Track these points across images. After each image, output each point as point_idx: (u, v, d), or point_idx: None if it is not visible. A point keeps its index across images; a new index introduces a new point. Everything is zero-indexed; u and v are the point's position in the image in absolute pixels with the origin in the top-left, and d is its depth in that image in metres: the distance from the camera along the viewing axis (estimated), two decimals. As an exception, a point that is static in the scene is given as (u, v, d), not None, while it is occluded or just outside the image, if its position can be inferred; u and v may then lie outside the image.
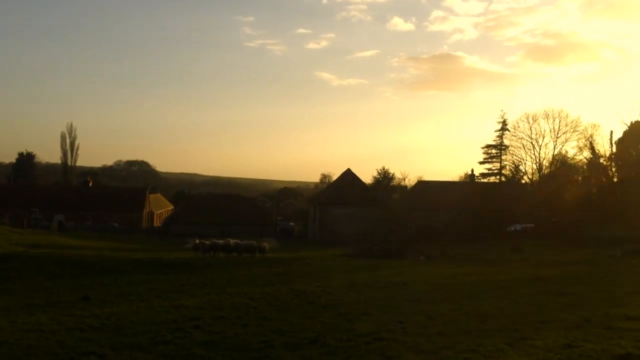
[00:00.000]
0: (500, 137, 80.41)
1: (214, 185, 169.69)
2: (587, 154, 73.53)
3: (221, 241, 40.80)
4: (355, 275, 27.31)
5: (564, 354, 10.33)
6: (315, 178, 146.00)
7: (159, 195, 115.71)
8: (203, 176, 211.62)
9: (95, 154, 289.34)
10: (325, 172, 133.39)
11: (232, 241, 40.95)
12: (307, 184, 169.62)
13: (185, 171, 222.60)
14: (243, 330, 13.61)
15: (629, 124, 65.07)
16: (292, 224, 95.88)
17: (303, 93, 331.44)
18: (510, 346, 11.20)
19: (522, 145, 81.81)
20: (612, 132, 68.52)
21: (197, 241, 40.92)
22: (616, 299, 17.40)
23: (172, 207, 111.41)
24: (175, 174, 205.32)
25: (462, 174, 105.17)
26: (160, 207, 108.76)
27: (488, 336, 12.23)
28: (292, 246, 63.41)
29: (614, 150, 67.73)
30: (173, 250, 48.64)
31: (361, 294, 20.10)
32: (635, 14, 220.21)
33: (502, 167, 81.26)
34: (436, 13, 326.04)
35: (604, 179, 70.61)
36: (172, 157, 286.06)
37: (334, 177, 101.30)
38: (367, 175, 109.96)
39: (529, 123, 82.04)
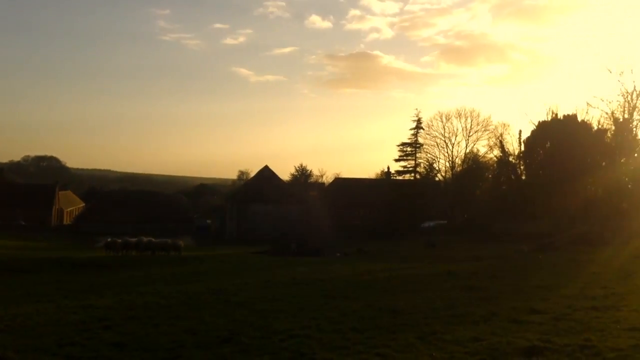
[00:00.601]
0: (415, 135, 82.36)
1: (129, 181, 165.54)
2: (497, 152, 76.20)
3: (134, 239, 39.79)
4: (271, 272, 27.23)
5: (471, 347, 10.60)
6: (233, 175, 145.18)
7: (69, 192, 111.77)
8: (117, 172, 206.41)
9: (1, 149, 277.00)
10: (243, 168, 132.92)
11: (145, 239, 40.02)
12: (224, 180, 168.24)
13: (98, 167, 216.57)
14: (154, 330, 13.27)
15: (536, 123, 67.65)
16: (208, 221, 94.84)
17: (220, 89, 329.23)
18: (421, 340, 11.40)
19: (435, 144, 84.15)
20: (520, 131, 71.10)
21: (109, 239, 39.76)
22: (522, 292, 18.01)
23: (84, 204, 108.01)
24: (88, 170, 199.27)
25: (379, 172, 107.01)
26: (70, 205, 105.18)
27: (400, 331, 12.41)
28: (208, 244, 62.68)
29: (522, 149, 70.30)
30: (83, 249, 47.13)
31: (277, 292, 20.03)
32: (543, 18, 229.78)
33: (416, 165, 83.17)
34: (353, 12, 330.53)
35: (513, 177, 73.20)
36: (84, 153, 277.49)
37: (252, 174, 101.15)
38: (285, 173, 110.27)
39: (442, 122, 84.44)
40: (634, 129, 62.53)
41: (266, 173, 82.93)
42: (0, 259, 31.07)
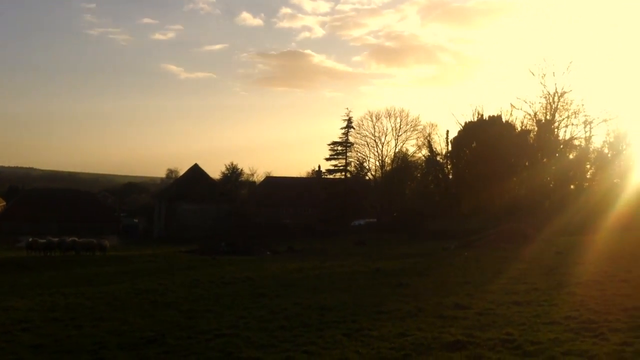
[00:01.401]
0: (346, 134, 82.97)
1: (52, 179, 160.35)
2: (425, 152, 77.66)
3: (57, 239, 38.54)
4: (200, 272, 26.89)
5: (397, 343, 10.73)
6: (162, 173, 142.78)
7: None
8: (40, 170, 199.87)
9: None
10: (172, 167, 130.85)
11: (69, 239, 38.84)
12: (153, 179, 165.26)
13: (20, 165, 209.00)
14: (76, 332, 12.89)
15: (463, 124, 69.29)
16: (136, 220, 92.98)
17: (149, 85, 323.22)
18: (347, 337, 11.47)
19: (366, 143, 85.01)
20: (448, 131, 72.73)
21: (31, 239, 38.41)
22: (448, 289, 18.37)
23: (4, 203, 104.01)
24: (9, 168, 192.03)
25: (310, 170, 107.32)
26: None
27: (327, 328, 12.46)
28: (136, 243, 61.40)
29: (450, 148, 71.88)
30: (4, 249, 45.38)
31: (205, 291, 19.80)
32: (469, 20, 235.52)
33: (347, 164, 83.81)
34: (285, 10, 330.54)
35: (441, 176, 74.80)
36: (5, 150, 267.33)
37: (181, 172, 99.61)
38: (215, 171, 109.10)
39: (372, 121, 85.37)
40: (556, 130, 64.96)
41: (196, 171, 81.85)
42: None
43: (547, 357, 9.32)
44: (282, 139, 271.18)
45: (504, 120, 67.11)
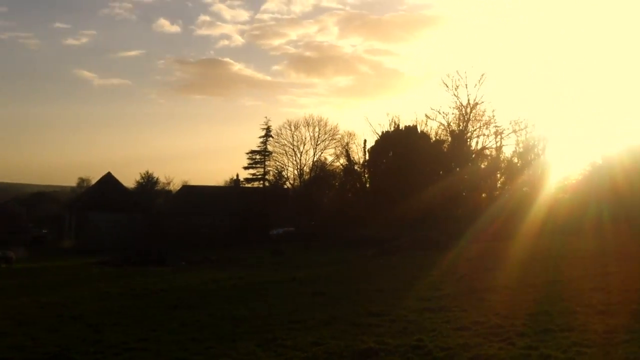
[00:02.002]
0: (264, 143, 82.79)
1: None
2: (343, 160, 78.23)
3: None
4: (109, 284, 26.02)
5: (310, 352, 10.68)
6: (73, 182, 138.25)
7: None
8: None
9: None
10: (84, 175, 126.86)
11: (-29, 251, 36.95)
12: (63, 187, 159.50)
13: None
14: (-26, 349, 12.18)
15: (380, 133, 70.37)
16: (45, 231, 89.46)
17: (60, 91, 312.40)
18: (261, 347, 11.33)
19: (284, 152, 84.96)
20: (365, 141, 73.56)
21: None
22: (363, 296, 18.53)
23: None
24: None
25: (228, 179, 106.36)
26: None
27: (241, 339, 12.28)
28: (44, 255, 58.99)
29: (367, 158, 72.81)
30: None
31: (114, 304, 19.18)
32: (387, 33, 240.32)
33: (265, 173, 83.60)
34: (203, 17, 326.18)
35: (358, 185, 75.60)
36: None
37: (94, 181, 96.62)
38: (129, 180, 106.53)
39: (291, 130, 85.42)
40: (468, 140, 67.02)
41: (109, 180, 79.63)
42: None
43: (456, 362, 9.47)
44: (200, 147, 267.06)
45: (419, 130, 68.62)
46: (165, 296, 20.92)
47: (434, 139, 68.70)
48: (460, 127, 66.70)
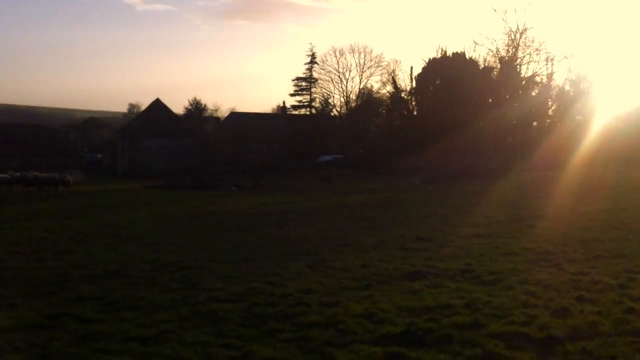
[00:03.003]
0: (310, 70, 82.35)
1: (9, 114, 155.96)
2: (390, 88, 77.35)
3: (18, 174, 37.92)
4: (165, 206, 26.82)
5: (359, 274, 10.92)
6: (123, 108, 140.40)
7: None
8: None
9: None
10: (134, 101, 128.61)
11: (30, 173, 38.23)
12: (114, 114, 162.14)
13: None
14: (39, 265, 12.82)
15: (427, 60, 69.13)
16: (99, 155, 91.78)
17: (104, 16, 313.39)
18: (310, 268, 11.62)
19: (330, 79, 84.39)
20: (412, 67, 72.42)
21: (-8, 174, 37.75)
22: (411, 222, 18.71)
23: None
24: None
25: (275, 106, 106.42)
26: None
27: (291, 260, 12.61)
28: (100, 179, 60.81)
29: (414, 85, 71.81)
30: (-37, 184, 44.49)
31: (169, 225, 19.80)
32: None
33: (312, 100, 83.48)
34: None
35: (406, 112, 74.83)
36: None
37: (143, 107, 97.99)
38: (178, 106, 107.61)
39: (336, 57, 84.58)
40: (518, 67, 65.19)
41: (158, 106, 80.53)
42: None
43: (504, 286, 9.58)
44: (245, 74, 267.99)
45: (467, 57, 67.04)
46: (216, 219, 21.47)
47: (482, 65, 67.09)
48: (510, 54, 64.84)
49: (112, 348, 7.28)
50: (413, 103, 74.11)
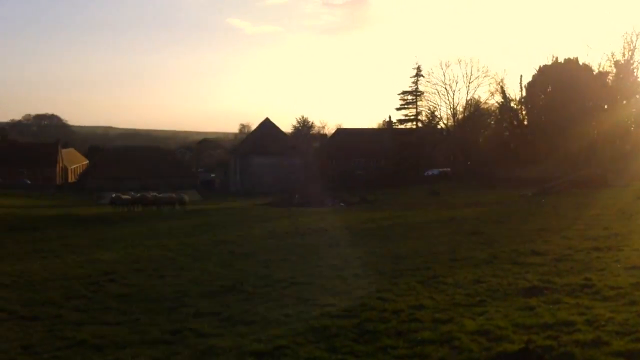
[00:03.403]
0: (415, 83, 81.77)
1: (130, 138, 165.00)
2: (498, 97, 75.59)
3: (139, 194, 39.95)
4: (275, 223, 27.42)
5: (472, 289, 10.71)
6: (234, 128, 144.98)
7: (72, 150, 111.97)
8: (118, 129, 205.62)
9: (2, 107, 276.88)
10: (245, 122, 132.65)
11: (150, 194, 40.19)
12: (226, 134, 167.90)
13: (99, 124, 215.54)
14: (160, 282, 13.46)
15: (537, 68, 67.14)
16: (213, 175, 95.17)
17: (215, 40, 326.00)
18: (422, 284, 11.53)
19: (436, 91, 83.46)
20: (521, 76, 70.55)
21: (114, 195, 39.91)
22: (524, 236, 18.11)
23: (87, 161, 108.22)
24: (89, 127, 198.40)
25: (381, 122, 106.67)
26: (74, 162, 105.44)
27: (401, 276, 12.55)
28: (213, 197, 62.99)
29: (524, 94, 69.81)
30: (89, 205, 47.40)
31: (281, 242, 20.21)
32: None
33: (418, 113, 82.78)
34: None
35: (515, 122, 72.89)
36: (84, 110, 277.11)
37: (253, 127, 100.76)
38: (286, 124, 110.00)
39: (442, 69, 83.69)
40: (635, 71, 62.09)
41: (267, 125, 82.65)
42: (7, 217, 31.29)
43: (627, 302, 9.11)
44: (351, 89, 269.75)
45: (580, 62, 64.55)
46: (326, 235, 21.71)
47: (596, 71, 64.32)
48: (626, 57, 61.83)
49: (230, 363, 7.54)
50: (523, 112, 72.06)
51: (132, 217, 33.47)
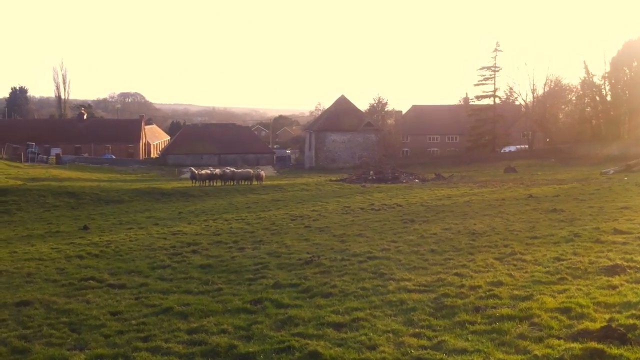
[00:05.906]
0: (494, 58, 79.68)
1: (209, 115, 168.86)
2: (581, 73, 72.95)
3: (218, 170, 40.83)
4: (350, 199, 27.54)
5: (552, 267, 10.58)
6: (309, 106, 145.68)
7: (154, 126, 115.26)
8: (198, 106, 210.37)
9: (88, 86, 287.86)
10: (320, 99, 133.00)
11: (229, 169, 41.01)
12: (302, 111, 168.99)
13: (180, 102, 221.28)
14: (239, 254, 13.86)
15: (623, 43, 64.35)
16: (288, 151, 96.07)
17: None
18: (499, 261, 11.46)
19: (516, 67, 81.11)
20: (605, 51, 67.82)
21: (195, 170, 40.91)
22: (606, 214, 17.64)
23: (169, 138, 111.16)
24: (170, 104, 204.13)
25: (457, 98, 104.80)
26: (156, 138, 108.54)
27: (478, 252, 12.50)
28: (289, 173, 63.68)
29: (608, 69, 67.09)
30: (170, 180, 48.81)
31: (356, 217, 20.35)
32: None
33: (496, 89, 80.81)
34: None
35: (598, 98, 70.25)
36: (166, 88, 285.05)
37: (328, 105, 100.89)
38: (362, 102, 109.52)
39: (522, 44, 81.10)
40: None
41: (342, 103, 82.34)
42: (94, 190, 32.61)
43: None
44: (429, 66, 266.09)
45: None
46: (401, 211, 21.69)
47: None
48: None
49: (309, 333, 7.77)
50: (606, 88, 69.33)
51: (211, 192, 34.26)
